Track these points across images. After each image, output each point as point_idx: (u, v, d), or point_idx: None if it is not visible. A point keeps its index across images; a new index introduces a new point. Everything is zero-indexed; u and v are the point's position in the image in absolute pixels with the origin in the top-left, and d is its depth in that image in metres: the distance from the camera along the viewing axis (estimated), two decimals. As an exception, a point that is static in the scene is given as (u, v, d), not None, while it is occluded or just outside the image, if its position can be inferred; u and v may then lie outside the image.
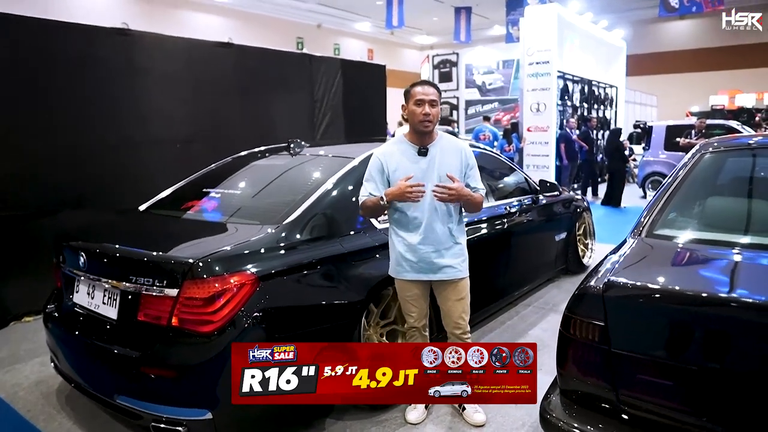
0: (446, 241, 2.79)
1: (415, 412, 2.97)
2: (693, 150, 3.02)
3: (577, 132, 12.05)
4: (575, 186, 12.02)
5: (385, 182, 2.78)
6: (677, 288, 1.95)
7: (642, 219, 2.56)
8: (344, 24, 23.59)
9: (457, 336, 2.94)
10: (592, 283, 2.01)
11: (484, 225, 3.96)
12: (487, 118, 13.43)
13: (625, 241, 2.45)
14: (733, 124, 12.20)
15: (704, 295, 1.88)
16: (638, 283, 1.99)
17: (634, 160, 14.10)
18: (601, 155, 13.63)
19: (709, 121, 12.19)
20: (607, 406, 1.95)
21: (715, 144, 3.01)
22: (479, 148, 4.40)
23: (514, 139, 12.04)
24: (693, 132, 10.73)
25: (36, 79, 4.59)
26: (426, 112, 2.71)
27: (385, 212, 2.88)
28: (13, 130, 4.47)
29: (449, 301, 2.89)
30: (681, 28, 23.65)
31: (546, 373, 3.47)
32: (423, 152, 2.78)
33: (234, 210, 3.19)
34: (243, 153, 4.17)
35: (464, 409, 3.00)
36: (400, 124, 11.41)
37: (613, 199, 10.87)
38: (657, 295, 1.91)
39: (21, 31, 4.50)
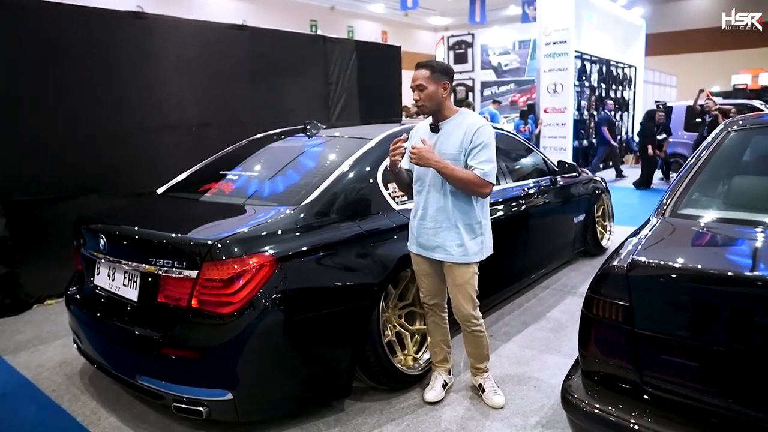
0: (442, 220, 2.73)
1: (433, 392, 2.98)
2: (718, 128, 2.96)
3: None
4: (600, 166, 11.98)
5: None
6: (703, 267, 1.90)
7: (665, 199, 2.51)
8: (358, 6, 23.35)
9: (462, 322, 2.88)
10: (616, 262, 1.98)
11: (501, 207, 3.92)
12: (496, 102, 13.30)
13: (648, 221, 2.40)
14: (756, 103, 11.94)
15: (731, 274, 1.83)
16: (663, 263, 1.95)
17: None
18: (619, 136, 13.43)
19: (731, 101, 11.94)
20: (630, 387, 1.92)
21: (741, 122, 2.94)
22: (497, 128, 4.34)
23: (530, 122, 11.90)
24: (706, 115, 10.53)
25: (51, 64, 4.61)
26: (416, 98, 2.72)
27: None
28: (30, 116, 4.51)
29: (449, 285, 2.84)
30: (702, 6, 23.09)
31: (565, 356, 3.49)
32: (434, 129, 2.80)
33: (252, 192, 3.19)
34: (259, 135, 4.16)
35: (484, 390, 3.00)
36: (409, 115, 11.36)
37: (646, 182, 10.71)
38: (683, 275, 1.87)
39: (36, 17, 4.51)
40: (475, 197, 2.73)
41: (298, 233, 2.67)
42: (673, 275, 1.88)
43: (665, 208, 2.44)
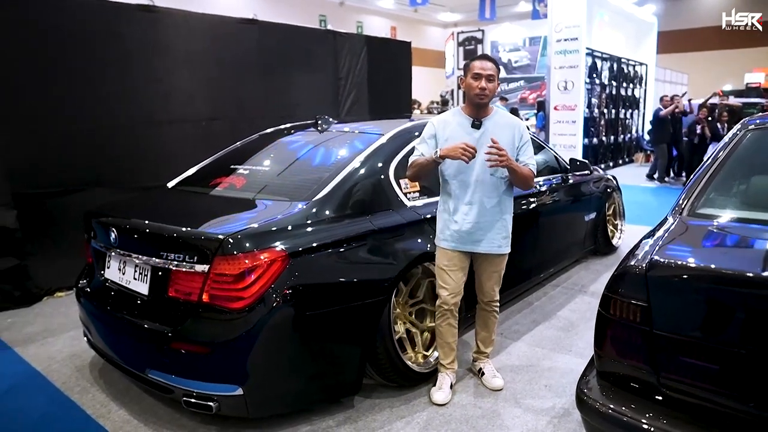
0: (490, 214, 2.82)
1: (441, 393, 2.96)
2: (736, 128, 2.91)
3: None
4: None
5: (436, 149, 2.79)
6: (724, 268, 1.87)
7: (683, 198, 2.47)
8: (367, 1, 23.29)
9: (486, 304, 3.05)
10: (634, 262, 1.94)
11: (513, 203, 3.87)
12: (504, 99, 13.25)
13: (664, 221, 2.37)
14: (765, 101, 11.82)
15: (751, 275, 1.79)
16: (683, 263, 1.92)
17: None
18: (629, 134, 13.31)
19: (743, 100, 11.84)
20: (647, 388, 1.89)
21: (758, 121, 2.89)
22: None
23: (539, 119, 11.84)
24: (716, 110, 10.44)
25: (61, 56, 4.60)
26: (482, 86, 2.74)
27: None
28: (38, 109, 4.50)
29: (485, 272, 2.97)
30: (714, 3, 22.86)
31: (576, 355, 3.46)
32: (477, 125, 2.80)
33: (263, 186, 3.17)
34: (270, 130, 4.14)
35: (483, 374, 3.11)
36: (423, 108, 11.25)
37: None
38: (703, 275, 1.84)
39: (44, 9, 4.50)
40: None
41: (309, 229, 2.65)
42: (693, 276, 1.85)
43: (683, 207, 2.41)
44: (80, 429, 2.78)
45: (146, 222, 2.83)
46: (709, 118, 10.26)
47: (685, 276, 1.87)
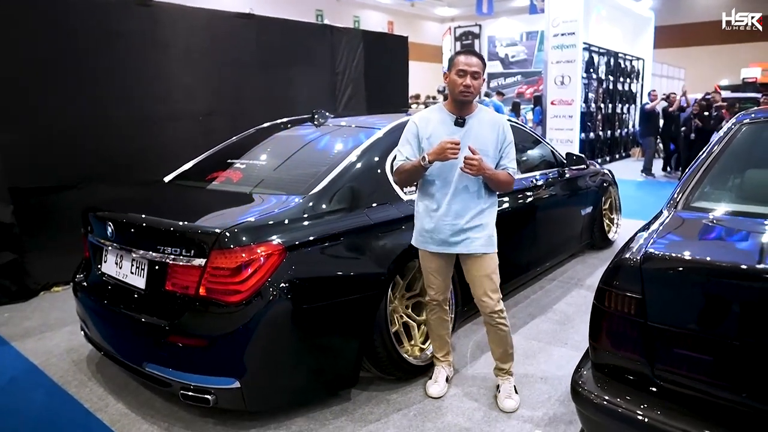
0: (470, 214, 2.71)
1: (437, 386, 2.97)
2: (731, 121, 2.92)
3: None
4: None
5: (419, 148, 2.72)
6: (718, 260, 1.88)
7: (678, 191, 2.49)
8: (364, -5, 23.21)
9: (488, 315, 2.82)
10: (629, 254, 1.95)
11: (509, 198, 3.89)
12: (500, 93, 13.26)
13: (659, 214, 2.38)
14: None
15: (745, 267, 1.81)
16: (678, 255, 1.93)
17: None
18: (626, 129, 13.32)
19: (739, 95, 11.86)
20: (642, 380, 1.91)
21: (753, 115, 2.90)
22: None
23: (536, 114, 11.86)
24: (712, 106, 10.45)
25: (57, 52, 4.58)
26: (467, 84, 2.62)
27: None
28: (36, 104, 4.49)
29: (473, 276, 2.80)
30: (712, -2, 22.84)
31: (572, 348, 3.48)
32: (460, 122, 2.70)
33: (260, 180, 3.17)
34: (267, 124, 4.14)
35: (499, 391, 2.91)
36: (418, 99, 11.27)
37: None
38: (697, 268, 1.85)
39: (41, 4, 4.48)
40: None
41: (306, 222, 2.66)
42: (687, 268, 1.86)
43: (677, 201, 2.42)
44: (78, 423, 2.79)
45: (143, 216, 2.83)
46: (705, 113, 10.29)
47: (679, 268, 1.88)
